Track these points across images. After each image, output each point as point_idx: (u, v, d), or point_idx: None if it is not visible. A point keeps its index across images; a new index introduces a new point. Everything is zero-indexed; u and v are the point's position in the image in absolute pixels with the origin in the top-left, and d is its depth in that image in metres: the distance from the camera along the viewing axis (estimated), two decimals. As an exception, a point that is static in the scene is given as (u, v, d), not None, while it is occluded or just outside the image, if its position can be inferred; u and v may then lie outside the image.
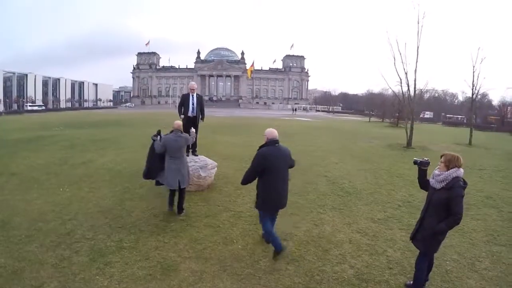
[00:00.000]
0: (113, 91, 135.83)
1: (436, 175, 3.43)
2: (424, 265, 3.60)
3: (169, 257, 4.19)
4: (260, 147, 4.23)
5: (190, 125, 6.67)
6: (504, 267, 4.27)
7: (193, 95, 7.22)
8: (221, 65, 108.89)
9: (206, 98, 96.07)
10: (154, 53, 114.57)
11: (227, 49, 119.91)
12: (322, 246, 4.66)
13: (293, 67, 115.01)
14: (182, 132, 5.63)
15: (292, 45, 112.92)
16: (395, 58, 15.55)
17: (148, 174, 5.75)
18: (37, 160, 9.57)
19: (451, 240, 4.84)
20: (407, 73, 15.65)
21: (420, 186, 3.76)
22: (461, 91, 71.96)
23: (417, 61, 15.38)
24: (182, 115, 7.19)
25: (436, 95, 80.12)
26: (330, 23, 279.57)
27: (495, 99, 65.29)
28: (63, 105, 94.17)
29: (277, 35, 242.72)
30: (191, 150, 7.26)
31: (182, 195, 5.65)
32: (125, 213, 5.59)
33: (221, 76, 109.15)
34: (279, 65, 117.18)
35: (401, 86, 16.51)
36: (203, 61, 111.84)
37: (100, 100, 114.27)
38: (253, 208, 4.52)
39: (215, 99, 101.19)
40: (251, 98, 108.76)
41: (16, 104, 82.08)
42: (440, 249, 3.71)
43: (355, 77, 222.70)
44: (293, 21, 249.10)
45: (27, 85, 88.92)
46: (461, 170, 3.31)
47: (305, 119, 42.18)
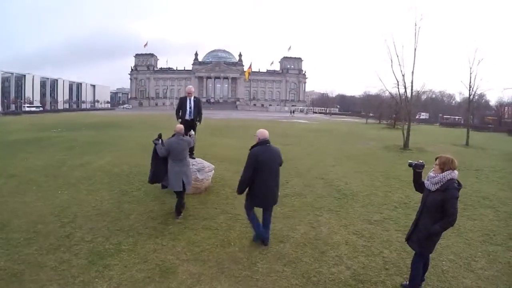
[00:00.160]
0: (111, 92, 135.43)
1: (431, 177, 3.47)
2: (419, 265, 3.64)
3: (168, 260, 4.20)
4: (252, 147, 4.51)
5: (187, 128, 6.71)
6: (500, 267, 4.31)
7: (190, 99, 7.28)
8: (219, 67, 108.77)
9: (203, 100, 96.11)
10: (152, 55, 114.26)
11: (224, 51, 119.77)
12: (318, 248, 4.68)
13: (291, 69, 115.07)
14: (184, 135, 5.73)
15: (289, 47, 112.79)
16: (392, 60, 15.61)
17: (153, 178, 5.89)
18: (36, 161, 9.55)
19: (448, 240, 4.88)
20: (404, 75, 15.74)
21: (415, 188, 3.78)
22: (459, 92, 72.39)
23: (414, 63, 15.46)
24: (179, 119, 7.24)
25: (433, 96, 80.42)
26: (327, 25, 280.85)
27: (493, 99, 65.65)
28: (60, 106, 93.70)
29: (274, 37, 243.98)
30: (188, 153, 7.27)
31: (180, 200, 5.69)
32: (123, 216, 5.61)
33: (218, 78, 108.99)
34: (277, 67, 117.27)
35: (398, 88, 16.65)
36: (201, 63, 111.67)
37: (97, 101, 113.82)
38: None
39: (212, 101, 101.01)
40: (248, 100, 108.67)
41: (14, 105, 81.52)
42: (436, 249, 3.76)
43: (352, 78, 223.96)
44: (290, 23, 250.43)
45: (25, 85, 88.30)
46: (456, 172, 3.35)
47: (303, 121, 42.26)
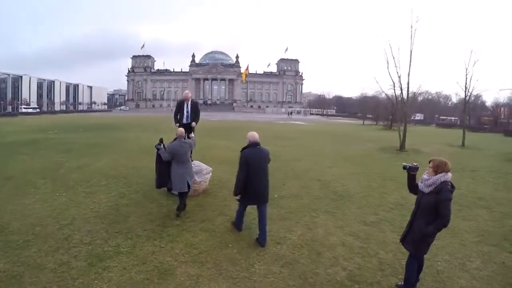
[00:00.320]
0: (108, 94, 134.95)
1: (424, 179, 3.54)
2: (414, 266, 3.70)
3: (166, 262, 4.24)
4: (242, 149, 4.78)
5: (185, 131, 6.81)
6: (495, 267, 4.37)
7: (187, 103, 7.44)
8: (216, 68, 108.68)
9: (200, 101, 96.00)
10: (149, 56, 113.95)
11: (222, 53, 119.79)
12: (315, 249, 4.74)
13: (288, 70, 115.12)
14: (185, 138, 5.91)
15: (286, 49, 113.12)
16: (388, 62, 15.74)
17: (160, 183, 6.05)
18: (33, 164, 9.50)
19: (443, 241, 4.93)
20: (400, 77, 15.84)
21: (409, 190, 3.85)
22: (455, 92, 72.63)
23: (410, 65, 15.58)
24: (177, 123, 7.40)
25: (430, 97, 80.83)
26: (324, 26, 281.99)
27: (489, 100, 66.06)
28: (57, 107, 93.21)
29: (272, 38, 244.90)
30: None
31: (183, 199, 5.88)
32: (122, 218, 5.62)
33: (215, 79, 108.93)
34: (274, 69, 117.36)
35: (394, 89, 16.78)
36: (198, 65, 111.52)
37: (94, 103, 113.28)
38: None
39: (209, 102, 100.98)
40: (245, 101, 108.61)
41: (10, 106, 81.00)
42: (431, 250, 3.82)
43: (349, 80, 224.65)
44: (287, 25, 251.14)
45: (21, 87, 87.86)
46: (449, 174, 3.42)
47: (300, 122, 42.34)
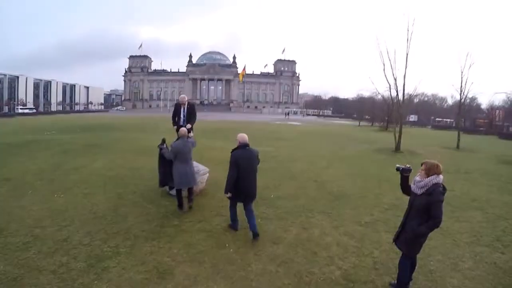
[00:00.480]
0: (104, 94, 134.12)
1: (417, 181, 3.64)
2: (406, 265, 3.79)
3: (164, 262, 4.30)
4: (233, 150, 5.04)
5: None
6: (486, 267, 4.45)
7: (183, 107, 7.59)
8: (213, 68, 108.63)
9: (197, 102, 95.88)
10: (146, 57, 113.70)
11: (219, 53, 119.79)
12: (310, 249, 4.82)
13: (284, 71, 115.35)
14: (187, 138, 6.18)
15: (283, 50, 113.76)
16: (384, 64, 15.86)
17: (163, 181, 6.36)
18: (30, 165, 9.48)
19: (436, 241, 5.01)
20: (396, 79, 15.97)
21: (402, 191, 3.96)
22: (451, 95, 72.99)
23: (406, 67, 15.66)
24: (175, 126, 7.55)
25: (425, 99, 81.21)
26: (321, 28, 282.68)
27: (484, 102, 66.30)
28: (54, 108, 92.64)
29: (269, 39, 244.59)
30: None
31: (191, 192, 6.37)
32: (120, 219, 5.67)
33: (212, 80, 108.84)
34: (271, 69, 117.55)
35: (390, 91, 16.93)
36: (195, 65, 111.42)
37: (91, 103, 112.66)
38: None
39: (206, 103, 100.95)
40: (242, 102, 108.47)
41: (7, 106, 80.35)
42: (424, 250, 3.91)
43: (345, 81, 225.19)
44: (285, 26, 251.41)
45: (18, 87, 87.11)
46: (441, 176, 3.51)
47: (296, 123, 42.43)
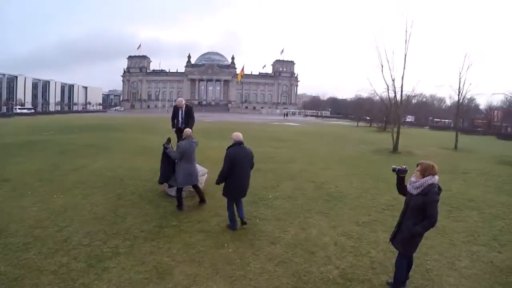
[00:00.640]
0: (103, 94, 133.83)
1: (412, 182, 3.70)
2: (403, 264, 3.83)
3: (164, 262, 4.33)
4: (228, 148, 5.30)
5: (180, 133, 7.32)
6: (483, 266, 4.49)
7: (181, 110, 7.78)
8: (211, 69, 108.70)
9: (195, 102, 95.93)
10: (144, 57, 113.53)
11: (217, 54, 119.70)
12: (308, 248, 4.86)
13: (283, 72, 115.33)
14: (192, 138, 6.37)
15: (282, 50, 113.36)
16: (382, 65, 15.99)
17: (164, 179, 6.50)
18: (30, 166, 9.51)
19: (433, 240, 5.07)
20: (394, 80, 16.10)
21: (398, 191, 4.01)
22: (449, 95, 72.99)
23: (404, 68, 15.83)
24: (174, 128, 7.85)
25: (424, 99, 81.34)
26: (320, 28, 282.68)
27: (482, 103, 66.52)
28: (52, 108, 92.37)
29: (268, 40, 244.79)
30: None
31: (199, 189, 6.59)
32: (119, 220, 5.70)
33: (211, 80, 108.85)
34: (269, 70, 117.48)
35: (388, 92, 17.03)
36: (194, 65, 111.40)
37: (89, 103, 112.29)
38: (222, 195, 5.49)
39: (204, 103, 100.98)
40: (240, 102, 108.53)
41: (5, 106, 79.99)
42: (421, 249, 3.96)
43: (344, 82, 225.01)
44: (283, 27, 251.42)
45: (17, 87, 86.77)
46: (436, 177, 3.57)
47: (295, 124, 42.53)
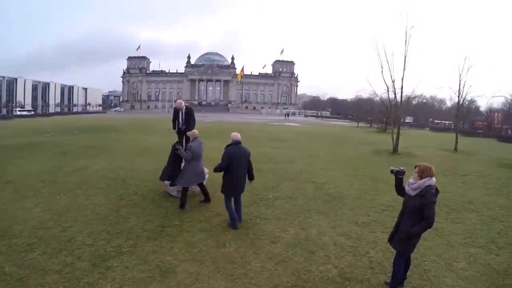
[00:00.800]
0: (103, 95, 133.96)
1: (410, 183, 3.78)
2: (401, 264, 3.90)
3: (167, 260, 4.41)
4: (227, 146, 5.58)
5: (181, 135, 7.60)
6: (480, 267, 4.54)
7: (181, 111, 7.83)
8: (211, 69, 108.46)
9: (195, 103, 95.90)
10: (144, 58, 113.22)
11: (217, 54, 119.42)
12: (308, 248, 4.93)
13: (283, 72, 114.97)
14: (198, 139, 6.53)
15: (282, 51, 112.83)
16: (382, 66, 15.96)
17: (168, 177, 6.58)
18: (31, 167, 9.58)
19: (431, 242, 5.13)
20: (394, 81, 16.08)
21: (397, 192, 4.10)
22: (449, 97, 73.06)
23: (404, 69, 15.78)
24: (175, 129, 7.91)
25: (424, 101, 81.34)
26: (320, 28, 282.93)
27: (483, 105, 66.55)
28: (52, 109, 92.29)
29: (268, 40, 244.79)
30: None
31: (204, 188, 6.75)
32: (122, 220, 5.77)
33: (211, 80, 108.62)
34: (269, 70, 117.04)
35: (388, 93, 17.07)
36: (193, 66, 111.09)
37: (89, 104, 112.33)
38: (220, 192, 5.72)
39: (204, 104, 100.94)
40: (240, 103, 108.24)
41: (5, 109, 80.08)
42: (419, 250, 4.03)
43: (344, 82, 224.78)
44: (283, 27, 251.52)
45: (16, 89, 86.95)
46: (433, 179, 3.64)
47: (295, 124, 42.58)
